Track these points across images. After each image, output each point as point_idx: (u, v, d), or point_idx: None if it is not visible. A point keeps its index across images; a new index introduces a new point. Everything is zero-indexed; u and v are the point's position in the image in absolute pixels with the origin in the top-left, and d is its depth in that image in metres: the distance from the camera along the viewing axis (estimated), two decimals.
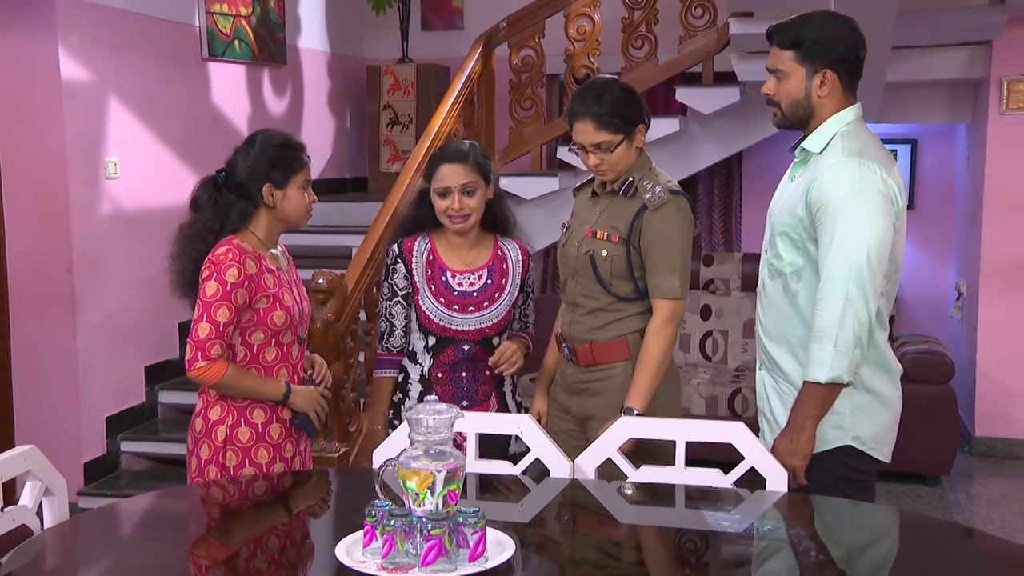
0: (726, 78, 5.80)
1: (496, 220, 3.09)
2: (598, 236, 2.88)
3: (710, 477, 2.44)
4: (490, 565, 1.89)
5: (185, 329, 5.24)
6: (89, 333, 4.70)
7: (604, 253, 2.86)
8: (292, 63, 6.28)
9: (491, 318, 3.02)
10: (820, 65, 2.55)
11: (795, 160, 2.68)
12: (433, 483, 1.93)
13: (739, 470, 2.42)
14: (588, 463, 2.50)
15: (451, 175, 2.95)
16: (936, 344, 5.37)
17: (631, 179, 2.87)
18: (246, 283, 2.68)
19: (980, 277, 5.70)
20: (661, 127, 5.78)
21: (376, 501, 1.98)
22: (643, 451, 2.64)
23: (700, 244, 6.73)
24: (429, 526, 1.88)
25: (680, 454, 2.46)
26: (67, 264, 4.60)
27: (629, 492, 2.41)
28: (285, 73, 6.21)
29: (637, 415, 2.74)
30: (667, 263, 2.82)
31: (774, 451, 2.48)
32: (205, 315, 2.67)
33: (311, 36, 6.54)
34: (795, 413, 2.51)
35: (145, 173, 5.03)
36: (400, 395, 3.10)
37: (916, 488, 5.14)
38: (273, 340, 2.77)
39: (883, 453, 2.62)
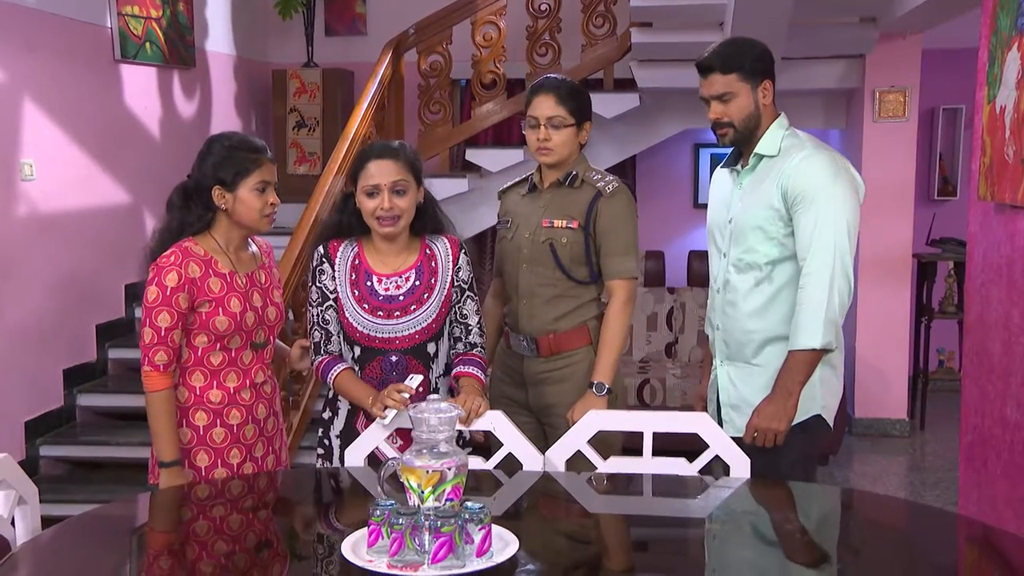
0: (626, 84, 5.88)
1: (427, 226, 2.76)
2: (556, 225, 2.92)
3: (676, 466, 2.46)
4: (497, 560, 1.85)
5: (103, 331, 5.07)
6: (7, 337, 4.43)
7: (564, 240, 2.91)
8: (201, 66, 6.06)
9: (421, 322, 2.68)
10: (760, 78, 2.72)
11: (744, 168, 2.79)
12: (438, 481, 1.89)
13: (704, 458, 2.45)
14: (558, 456, 2.49)
15: (380, 172, 2.62)
16: None
17: (575, 172, 2.95)
18: (186, 287, 2.56)
19: (858, 270, 5.89)
20: None
21: (379, 500, 1.92)
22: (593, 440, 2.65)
23: None
24: (439, 523, 1.83)
25: (648, 444, 2.47)
26: None
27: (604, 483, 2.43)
28: (194, 76, 5.99)
29: (608, 390, 2.83)
30: (623, 246, 2.92)
31: (758, 416, 2.59)
32: (147, 320, 2.56)
33: (218, 39, 6.32)
34: (783, 381, 2.61)
35: (61, 175, 4.76)
36: (330, 413, 2.81)
37: None
38: (218, 344, 2.63)
39: (832, 420, 2.79)
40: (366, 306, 2.68)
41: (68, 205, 4.82)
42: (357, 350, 2.71)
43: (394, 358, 2.68)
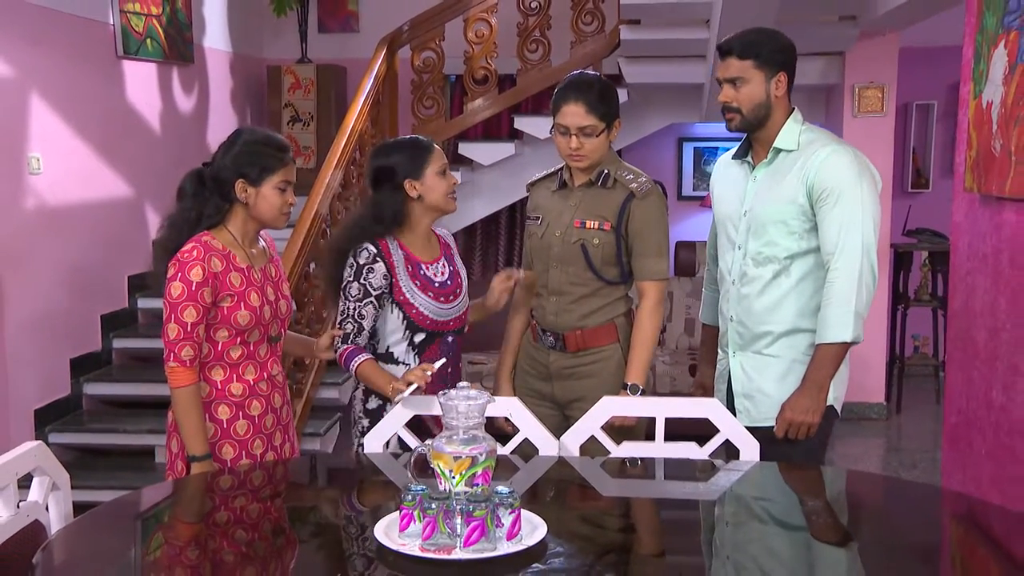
0: (613, 80, 5.85)
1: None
2: (588, 225, 2.84)
3: (687, 450, 2.48)
4: (527, 544, 1.86)
5: (107, 321, 5.04)
6: (17, 327, 4.40)
7: (596, 241, 2.84)
8: (198, 62, 6.02)
9: (465, 303, 2.85)
10: (776, 69, 2.67)
11: (759, 162, 2.76)
12: (469, 466, 1.90)
13: (715, 442, 2.47)
14: (573, 441, 2.50)
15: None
16: None
17: (606, 171, 2.86)
18: (210, 281, 2.51)
19: None
20: None
21: (411, 485, 1.92)
22: (622, 428, 2.66)
23: None
24: (471, 508, 1.84)
25: (660, 430, 2.49)
26: None
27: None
28: (192, 72, 5.95)
29: (642, 391, 2.79)
30: (656, 247, 2.84)
31: (791, 409, 2.60)
32: (172, 316, 2.49)
33: (215, 36, 6.28)
34: (814, 374, 2.62)
35: (67, 169, 4.73)
36: (380, 401, 2.78)
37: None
38: (239, 339, 2.59)
39: (840, 408, 2.79)
40: (430, 293, 2.76)
41: (73, 198, 4.79)
42: (420, 336, 2.77)
43: (450, 339, 2.82)
